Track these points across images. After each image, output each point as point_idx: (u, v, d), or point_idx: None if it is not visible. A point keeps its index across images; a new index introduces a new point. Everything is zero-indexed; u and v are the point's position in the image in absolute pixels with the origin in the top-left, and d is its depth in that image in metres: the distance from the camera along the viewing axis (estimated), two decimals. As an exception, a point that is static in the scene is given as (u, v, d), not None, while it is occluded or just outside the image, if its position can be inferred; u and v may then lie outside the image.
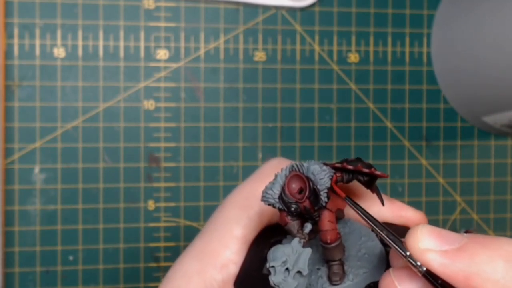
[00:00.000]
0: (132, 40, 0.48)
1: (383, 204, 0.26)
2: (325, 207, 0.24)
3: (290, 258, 0.23)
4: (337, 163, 0.24)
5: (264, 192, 0.24)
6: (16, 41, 0.46)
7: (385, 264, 0.25)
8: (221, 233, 0.28)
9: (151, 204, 0.48)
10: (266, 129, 0.50)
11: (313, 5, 0.50)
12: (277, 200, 0.24)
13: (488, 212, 0.53)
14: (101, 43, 0.47)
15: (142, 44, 0.48)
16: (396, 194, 0.51)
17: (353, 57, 0.50)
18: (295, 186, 0.24)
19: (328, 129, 0.50)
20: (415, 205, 0.52)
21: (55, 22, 0.47)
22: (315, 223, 0.25)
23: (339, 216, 0.26)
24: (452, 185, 0.52)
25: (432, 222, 0.52)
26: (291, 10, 0.50)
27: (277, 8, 0.49)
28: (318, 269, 0.25)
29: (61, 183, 0.47)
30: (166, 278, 0.28)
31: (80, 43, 0.47)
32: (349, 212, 0.27)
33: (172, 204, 0.49)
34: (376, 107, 0.51)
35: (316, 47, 0.50)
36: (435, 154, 0.52)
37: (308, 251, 0.23)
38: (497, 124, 0.50)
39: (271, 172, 0.28)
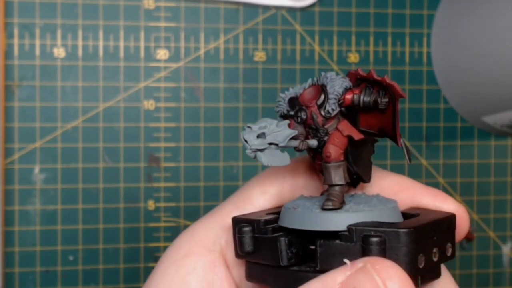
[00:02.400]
0: (132, 40, 0.48)
1: (409, 161, 0.24)
2: (336, 128, 0.23)
3: (270, 127, 0.22)
4: (363, 72, 0.23)
5: (277, 100, 0.24)
6: (16, 41, 0.46)
7: (392, 218, 0.22)
8: (237, 198, 0.27)
9: (151, 204, 0.48)
10: (266, 129, 0.50)
11: (313, 5, 0.50)
12: (286, 103, 0.23)
13: (488, 212, 0.53)
14: (101, 43, 0.47)
15: (142, 44, 0.48)
16: (396, 194, 0.51)
17: (353, 57, 0.50)
18: (309, 96, 0.23)
19: (328, 129, 0.50)
20: (415, 205, 0.52)
21: (55, 22, 0.47)
22: (322, 146, 0.23)
23: (365, 179, 0.24)
24: (452, 185, 0.52)
25: (432, 222, 0.52)
26: (291, 10, 0.50)
27: (277, 8, 0.49)
28: (317, 202, 0.23)
29: (61, 183, 0.47)
30: (178, 235, 0.28)
31: (80, 43, 0.47)
32: (372, 189, 0.26)
33: (172, 204, 0.49)
34: (376, 107, 0.51)
35: (316, 47, 0.50)
36: (435, 154, 0.52)
37: (293, 132, 0.22)
38: (497, 124, 0.50)
39: (301, 160, 0.28)
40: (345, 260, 0.20)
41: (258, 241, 0.23)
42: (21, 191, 0.46)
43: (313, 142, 0.23)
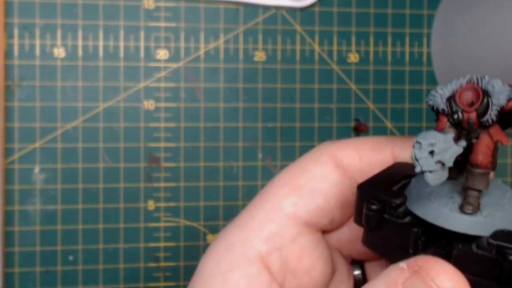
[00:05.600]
0: (132, 40, 0.48)
1: None
2: (487, 130, 0.22)
3: (439, 144, 0.21)
4: None
5: (433, 91, 0.23)
6: (16, 41, 0.46)
7: None
8: (268, 208, 0.27)
9: (151, 204, 0.48)
10: (266, 129, 0.50)
11: (313, 5, 0.50)
12: (444, 101, 0.23)
13: (488, 212, 0.53)
14: (101, 43, 0.47)
15: (142, 44, 0.48)
16: (396, 194, 0.51)
17: (353, 57, 0.50)
18: (467, 97, 0.22)
19: (328, 129, 0.50)
20: (415, 205, 0.52)
21: (55, 22, 0.47)
22: (470, 146, 0.23)
23: (493, 164, 0.25)
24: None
25: (432, 222, 0.52)
26: (291, 10, 0.50)
27: (277, 8, 0.49)
28: (452, 197, 0.23)
29: (61, 183, 0.47)
30: (209, 248, 0.28)
31: (80, 43, 0.47)
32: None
33: (172, 204, 0.49)
34: (376, 107, 0.51)
35: (316, 47, 0.50)
36: (435, 154, 0.52)
37: (459, 148, 0.22)
38: (497, 124, 0.50)
39: (325, 152, 0.28)
40: (401, 264, 0.22)
41: (386, 221, 0.24)
42: (21, 191, 0.47)
43: (463, 144, 0.23)
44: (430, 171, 0.21)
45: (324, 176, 0.27)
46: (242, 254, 0.26)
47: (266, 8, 0.49)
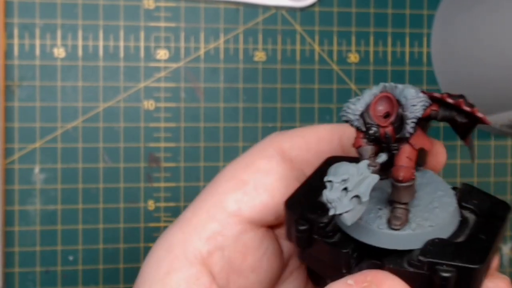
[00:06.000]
0: (132, 40, 0.48)
1: (473, 161, 0.24)
2: (407, 141, 0.21)
3: (353, 178, 0.20)
4: (437, 94, 0.21)
5: (345, 106, 0.21)
6: (16, 41, 0.46)
7: (456, 225, 0.23)
8: (210, 205, 0.26)
9: (151, 204, 0.48)
10: (266, 129, 0.50)
11: (313, 5, 0.50)
12: (357, 117, 0.21)
13: (488, 212, 0.53)
14: (101, 43, 0.47)
15: (142, 44, 0.48)
16: (396, 194, 0.51)
17: (353, 57, 0.50)
18: (382, 108, 0.21)
19: (328, 129, 0.50)
20: (415, 205, 0.52)
21: (55, 22, 0.47)
22: (391, 157, 0.22)
23: (420, 162, 0.24)
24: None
25: (432, 222, 0.52)
26: (291, 10, 0.50)
27: (277, 8, 0.49)
28: (380, 209, 0.23)
29: (61, 183, 0.47)
30: (151, 249, 0.27)
31: (80, 43, 0.47)
32: (433, 163, 0.25)
33: (172, 204, 0.49)
34: (376, 107, 0.51)
35: (316, 47, 0.50)
36: (435, 154, 0.52)
37: (375, 178, 0.20)
38: (497, 124, 0.50)
39: (272, 144, 0.27)
40: (349, 281, 0.21)
41: (316, 241, 0.23)
42: (21, 191, 0.47)
43: (383, 157, 0.22)
44: (347, 211, 0.20)
45: (270, 170, 0.26)
46: (182, 255, 0.25)
47: (266, 8, 0.49)
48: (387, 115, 0.21)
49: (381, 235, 0.22)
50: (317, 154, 0.27)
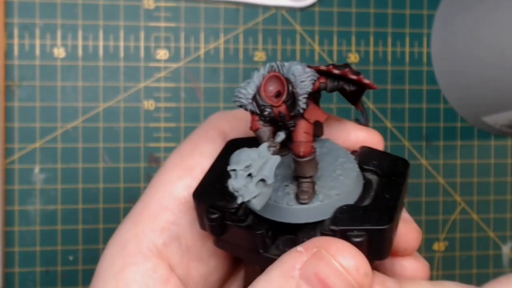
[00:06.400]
0: (132, 40, 0.48)
1: (367, 124, 0.24)
2: (302, 116, 0.22)
3: (255, 163, 0.20)
4: (323, 66, 0.22)
5: (237, 91, 0.22)
6: (16, 41, 0.46)
7: (360, 188, 0.23)
8: (161, 195, 0.26)
9: (151, 204, 0.48)
10: (266, 129, 0.50)
11: (313, 5, 0.50)
12: (250, 101, 0.21)
13: (488, 212, 0.53)
14: (101, 43, 0.47)
15: (142, 44, 0.48)
16: (396, 194, 0.51)
17: (353, 57, 0.50)
18: (272, 88, 0.21)
19: (328, 129, 0.50)
20: (415, 205, 0.52)
21: (55, 22, 0.47)
22: (289, 134, 0.22)
23: (317, 133, 0.24)
24: (452, 185, 0.52)
25: (432, 222, 0.52)
26: (291, 10, 0.50)
27: (277, 8, 0.49)
28: (286, 185, 0.23)
29: (61, 183, 0.47)
30: (106, 246, 0.26)
31: (80, 43, 0.47)
32: (331, 131, 0.26)
33: (172, 204, 0.48)
34: (376, 107, 0.51)
35: (316, 47, 0.50)
36: (435, 154, 0.52)
37: (276, 159, 0.21)
38: (497, 124, 0.50)
39: (213, 127, 0.27)
40: (298, 248, 0.21)
41: (230, 226, 0.23)
42: (21, 191, 0.47)
43: (282, 136, 0.22)
44: (254, 197, 0.20)
45: (214, 153, 0.26)
46: (136, 249, 0.25)
47: (266, 8, 0.49)
48: (278, 94, 0.21)
49: (292, 211, 0.22)
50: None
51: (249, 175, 0.20)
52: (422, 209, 0.52)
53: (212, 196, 0.23)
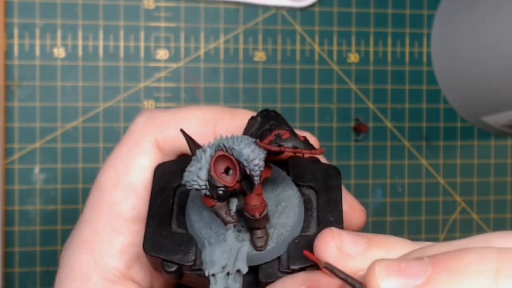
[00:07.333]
0: (132, 40, 0.48)
1: (303, 155, 0.24)
2: None
3: (230, 261, 0.21)
4: (274, 146, 0.22)
5: (189, 178, 0.21)
6: (16, 41, 0.46)
7: (303, 212, 0.24)
8: (109, 218, 0.25)
9: (151, 204, 0.48)
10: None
11: (313, 5, 0.50)
12: (203, 186, 0.21)
13: (488, 212, 0.53)
14: (101, 43, 0.47)
15: (142, 44, 0.48)
16: (396, 194, 0.51)
17: (353, 57, 0.50)
18: (221, 167, 0.21)
19: (328, 129, 0.50)
20: (415, 205, 0.52)
21: (55, 22, 0.47)
22: (242, 195, 0.22)
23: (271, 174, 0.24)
24: (452, 185, 0.52)
25: (432, 222, 0.52)
26: (291, 10, 0.50)
27: (277, 8, 0.49)
28: (239, 231, 0.23)
29: (61, 183, 0.47)
30: (57, 280, 0.26)
31: (80, 43, 0.47)
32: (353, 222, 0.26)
33: (172, 204, 0.48)
34: (376, 107, 0.51)
35: (316, 47, 0.50)
36: (435, 154, 0.52)
37: (246, 245, 0.22)
38: (497, 124, 0.50)
39: (144, 140, 0.26)
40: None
41: (187, 274, 0.23)
42: (21, 191, 0.46)
43: (235, 203, 0.22)
44: None
45: (152, 167, 0.25)
46: (101, 279, 0.25)
47: (266, 8, 0.49)
48: (228, 169, 0.21)
49: (249, 257, 0.22)
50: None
51: (227, 274, 0.21)
52: (422, 209, 0.52)
53: (165, 248, 0.23)
